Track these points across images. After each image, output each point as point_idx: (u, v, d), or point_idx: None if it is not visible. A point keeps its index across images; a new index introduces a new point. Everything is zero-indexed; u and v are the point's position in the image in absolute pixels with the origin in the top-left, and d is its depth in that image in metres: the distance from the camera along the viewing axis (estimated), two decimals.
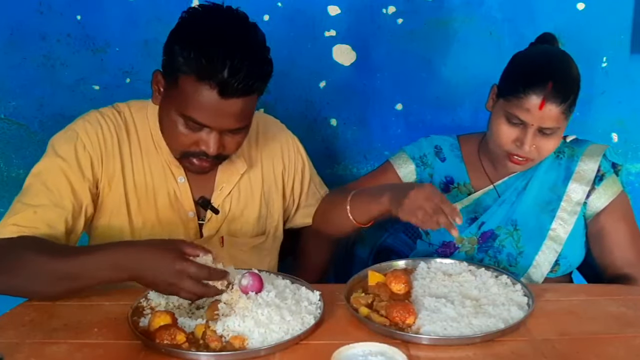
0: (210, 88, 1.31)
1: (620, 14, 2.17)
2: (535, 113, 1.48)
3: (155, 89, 1.45)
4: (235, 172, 1.59)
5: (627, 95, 2.25)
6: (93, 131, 1.48)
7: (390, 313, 1.25)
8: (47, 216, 1.39)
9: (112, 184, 1.50)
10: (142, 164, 1.52)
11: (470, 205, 1.68)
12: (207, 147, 1.40)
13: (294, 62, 2.18)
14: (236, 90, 1.31)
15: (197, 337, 1.20)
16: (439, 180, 1.72)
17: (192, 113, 1.35)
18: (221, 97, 1.32)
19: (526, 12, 2.16)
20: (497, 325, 1.23)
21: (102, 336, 1.24)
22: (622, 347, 1.20)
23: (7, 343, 1.21)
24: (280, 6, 2.14)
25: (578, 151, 1.66)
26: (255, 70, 1.33)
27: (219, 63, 1.29)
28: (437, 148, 1.74)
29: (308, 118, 2.24)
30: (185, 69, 1.32)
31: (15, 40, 2.14)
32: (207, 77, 1.30)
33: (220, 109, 1.34)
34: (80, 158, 1.45)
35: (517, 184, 1.65)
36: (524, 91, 1.48)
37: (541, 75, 1.48)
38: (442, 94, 2.23)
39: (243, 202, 1.62)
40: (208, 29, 1.33)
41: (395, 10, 2.15)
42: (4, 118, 2.22)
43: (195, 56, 1.30)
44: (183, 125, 1.39)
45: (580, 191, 1.62)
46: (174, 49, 1.34)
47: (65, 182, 1.43)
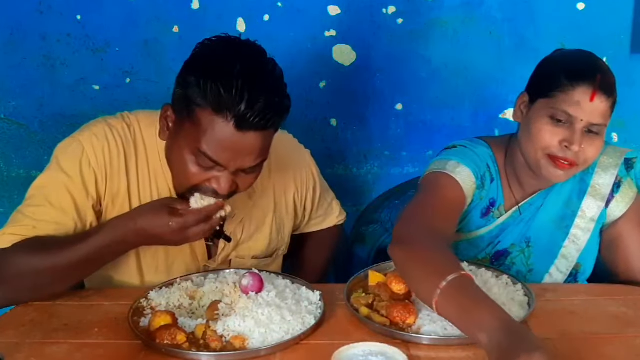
0: (227, 120, 1.25)
1: (620, 14, 2.17)
2: (585, 106, 1.40)
3: (164, 124, 1.38)
4: (247, 199, 1.55)
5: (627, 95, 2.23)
6: (100, 147, 1.41)
7: (390, 313, 1.25)
8: (46, 233, 1.36)
9: (117, 202, 1.45)
10: (150, 183, 1.46)
11: (494, 229, 1.61)
12: (218, 186, 1.32)
13: (294, 62, 2.18)
14: (253, 123, 1.25)
15: (197, 337, 1.20)
16: (485, 204, 1.59)
17: (206, 148, 1.28)
18: (237, 130, 1.26)
19: (526, 12, 2.16)
20: None
21: (103, 336, 1.24)
22: (622, 347, 1.20)
23: (7, 343, 1.21)
24: (280, 6, 2.14)
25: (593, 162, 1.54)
26: (273, 104, 1.28)
27: (237, 94, 1.23)
28: (487, 167, 1.58)
29: (308, 118, 2.24)
30: (201, 101, 1.26)
31: (15, 40, 2.14)
32: (224, 109, 1.24)
33: (236, 144, 1.27)
34: (84, 175, 1.40)
35: (538, 202, 1.59)
36: (572, 84, 1.41)
37: (589, 67, 1.44)
38: (442, 94, 2.23)
39: (254, 228, 1.59)
40: (225, 60, 1.27)
41: (395, 10, 2.15)
42: (4, 118, 2.21)
43: (212, 87, 1.24)
44: (194, 164, 1.31)
45: (595, 207, 1.57)
46: (189, 81, 1.28)
47: (69, 200, 1.38)
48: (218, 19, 2.13)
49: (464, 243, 1.63)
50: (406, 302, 1.29)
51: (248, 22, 2.14)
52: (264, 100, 1.25)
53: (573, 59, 1.49)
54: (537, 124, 1.45)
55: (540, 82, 1.50)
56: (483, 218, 1.60)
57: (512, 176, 1.59)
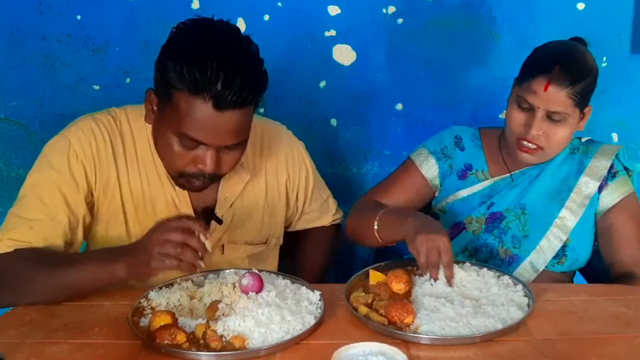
0: (205, 101, 1.28)
1: (620, 14, 2.17)
2: (541, 95, 1.52)
3: (149, 108, 1.42)
4: (238, 182, 1.57)
5: (627, 95, 2.25)
6: (86, 140, 1.45)
7: (389, 312, 1.25)
8: (43, 231, 1.39)
9: (108, 192, 1.48)
10: (139, 172, 1.49)
11: (485, 189, 1.71)
12: (203, 165, 1.36)
13: (294, 62, 2.18)
14: (231, 102, 1.28)
15: (197, 337, 1.20)
16: (458, 168, 1.74)
17: (187, 130, 1.32)
18: (216, 109, 1.29)
19: (526, 12, 2.16)
20: (496, 325, 1.23)
21: (103, 336, 1.24)
22: (622, 347, 1.20)
23: (7, 343, 1.21)
24: (280, 6, 2.14)
25: (592, 149, 1.70)
26: (250, 82, 1.30)
27: (212, 75, 1.26)
28: (457, 138, 1.76)
29: (308, 118, 2.24)
30: (179, 85, 1.29)
31: (15, 40, 2.14)
32: (201, 90, 1.27)
33: (216, 123, 1.31)
34: (73, 168, 1.43)
35: (532, 172, 1.68)
36: (532, 75, 1.54)
37: (549, 59, 1.55)
38: (442, 94, 2.24)
39: (246, 211, 1.60)
40: (200, 42, 1.30)
41: (395, 10, 2.16)
42: (4, 118, 2.22)
43: (188, 70, 1.27)
44: (178, 144, 1.36)
45: (591, 185, 1.65)
46: (166, 65, 1.31)
47: (60, 195, 1.41)
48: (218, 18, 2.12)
49: (458, 202, 1.74)
50: (405, 301, 1.29)
51: (248, 22, 2.14)
52: (240, 79, 1.28)
53: (544, 51, 1.61)
54: (509, 109, 1.63)
55: (518, 73, 1.62)
56: (461, 180, 1.74)
57: (505, 152, 1.72)
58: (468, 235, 1.70)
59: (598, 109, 2.23)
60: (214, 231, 1.55)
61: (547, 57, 1.57)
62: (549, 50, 1.60)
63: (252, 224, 1.61)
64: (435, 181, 1.75)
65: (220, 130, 1.32)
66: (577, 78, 1.52)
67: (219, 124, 1.31)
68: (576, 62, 1.56)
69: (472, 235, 1.70)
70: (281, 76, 2.19)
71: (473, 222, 1.71)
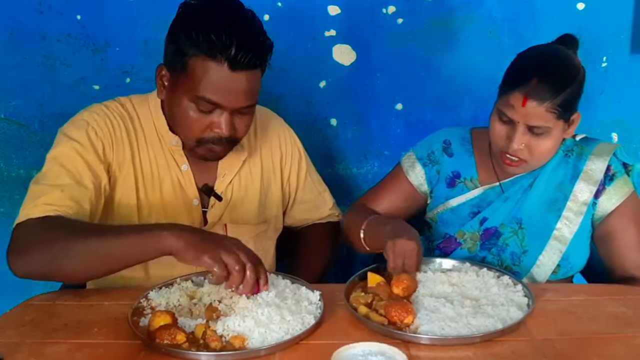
0: (221, 63, 1.38)
1: (620, 14, 2.17)
2: (519, 110, 1.48)
3: (160, 83, 1.49)
4: (236, 159, 1.62)
5: (627, 95, 2.25)
6: (102, 120, 1.52)
7: (388, 312, 1.25)
8: (74, 194, 1.40)
9: (123, 170, 1.53)
10: (148, 153, 1.56)
11: (474, 199, 1.68)
12: (220, 128, 1.44)
13: (294, 62, 2.18)
14: (244, 63, 1.38)
15: (197, 337, 1.20)
16: (446, 175, 1.72)
17: (204, 92, 1.40)
18: (231, 70, 1.38)
19: (526, 12, 2.16)
20: (496, 325, 1.23)
21: (102, 336, 1.24)
22: (622, 347, 1.20)
23: (7, 343, 1.21)
24: (280, 6, 2.14)
25: (587, 150, 1.64)
26: (259, 45, 1.41)
27: (227, 39, 1.36)
28: (445, 143, 1.74)
29: (308, 118, 2.24)
30: (194, 51, 1.38)
31: (15, 40, 2.14)
32: (218, 53, 1.37)
33: (231, 84, 1.40)
34: (94, 141, 1.48)
35: (524, 182, 1.64)
36: (510, 88, 1.50)
37: (527, 72, 1.49)
38: (442, 94, 2.23)
39: (244, 189, 1.65)
40: (210, 11, 1.40)
41: (395, 10, 2.15)
42: (4, 118, 2.22)
43: (204, 36, 1.37)
44: (195, 110, 1.43)
45: (587, 191, 1.60)
46: (179, 37, 1.41)
47: (83, 162, 1.45)
48: None
49: (447, 212, 1.71)
50: (404, 301, 1.29)
51: None
52: (251, 42, 1.39)
53: (521, 60, 1.56)
54: (491, 120, 1.59)
55: (503, 79, 1.57)
56: (450, 188, 1.71)
57: (494, 157, 1.66)
58: (464, 252, 1.67)
59: (598, 109, 2.25)
60: (213, 207, 1.60)
61: (525, 69, 1.51)
62: (528, 60, 1.54)
63: (250, 201, 1.66)
64: (423, 187, 1.74)
65: (235, 92, 1.41)
66: (557, 90, 1.46)
67: (234, 85, 1.40)
68: (555, 73, 1.48)
69: (467, 253, 1.67)
70: (281, 76, 2.19)
71: (467, 238, 1.67)
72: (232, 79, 1.40)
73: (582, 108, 2.26)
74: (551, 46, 1.58)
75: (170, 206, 1.57)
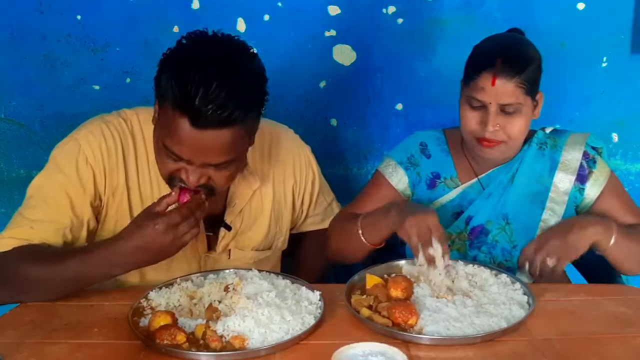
0: (182, 117, 1.24)
1: (620, 14, 2.17)
2: (489, 90, 1.51)
3: (155, 109, 1.40)
4: (248, 188, 1.56)
5: (627, 95, 2.25)
6: (96, 144, 1.44)
7: (392, 314, 1.25)
8: (43, 232, 1.39)
9: (117, 195, 1.47)
10: (149, 175, 1.48)
11: (454, 199, 1.69)
12: (186, 178, 1.33)
13: (294, 62, 2.18)
14: (211, 120, 1.23)
15: (197, 337, 1.20)
16: (425, 176, 1.72)
17: (168, 143, 1.30)
18: (194, 127, 1.24)
19: (526, 12, 2.15)
20: (500, 324, 1.23)
21: (102, 336, 1.24)
22: (622, 347, 1.20)
23: (7, 343, 1.21)
24: (280, 6, 2.14)
25: (560, 141, 1.69)
26: (234, 100, 1.24)
27: (192, 90, 1.21)
28: (422, 145, 1.74)
29: (308, 118, 2.24)
30: (166, 97, 1.27)
31: (15, 40, 2.14)
32: (180, 106, 1.24)
33: (196, 142, 1.26)
34: (81, 172, 1.42)
35: (502, 177, 1.66)
36: (477, 72, 1.53)
37: (490, 54, 1.54)
38: (442, 94, 2.23)
39: (253, 217, 1.60)
40: (192, 56, 1.28)
41: (395, 10, 2.15)
42: (4, 118, 2.21)
43: (173, 83, 1.24)
44: (164, 154, 1.34)
45: (567, 180, 1.65)
46: (161, 77, 1.30)
47: (65, 198, 1.41)
48: (218, 19, 2.12)
49: None
50: (407, 302, 1.29)
51: (248, 22, 2.14)
52: (223, 97, 1.22)
53: (483, 47, 1.62)
54: (461, 110, 1.61)
55: (464, 72, 1.61)
56: (431, 189, 1.72)
57: (469, 154, 1.69)
58: (453, 254, 1.65)
59: (598, 109, 2.25)
60: (223, 238, 1.55)
61: (488, 52, 1.56)
62: (488, 46, 1.60)
63: (259, 229, 1.61)
64: (407, 192, 1.74)
65: (202, 149, 1.28)
66: (522, 67, 1.51)
67: (199, 143, 1.27)
68: (517, 52, 1.55)
69: (457, 254, 1.66)
70: (281, 76, 2.19)
71: (455, 239, 1.67)
72: (196, 136, 1.25)
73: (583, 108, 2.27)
74: (505, 33, 1.67)
75: None
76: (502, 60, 1.51)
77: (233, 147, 1.31)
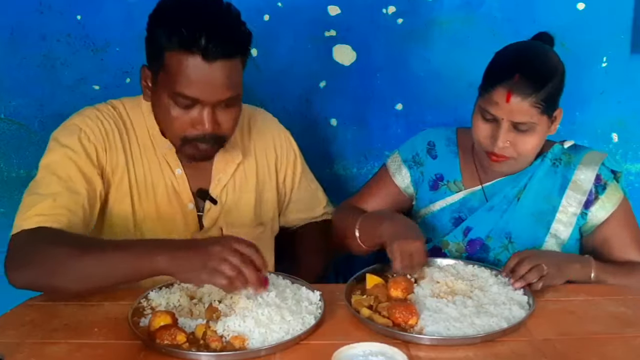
0: (193, 55, 1.35)
1: (620, 14, 2.17)
2: (503, 106, 1.46)
3: (144, 85, 1.49)
4: (231, 162, 1.61)
5: (627, 95, 2.25)
6: (94, 125, 1.50)
7: (392, 314, 1.25)
8: (65, 203, 1.39)
9: (117, 175, 1.52)
10: (141, 158, 1.55)
11: (454, 203, 1.67)
12: (202, 124, 1.41)
13: (294, 62, 2.18)
14: (218, 52, 1.36)
15: (197, 337, 1.20)
16: (429, 177, 1.71)
17: (181, 88, 1.38)
18: (205, 61, 1.36)
19: (526, 12, 2.15)
20: (500, 324, 1.23)
21: (102, 336, 1.24)
22: (622, 347, 1.20)
23: (7, 343, 1.21)
24: (280, 6, 2.14)
25: (575, 159, 1.62)
26: (233, 34, 1.39)
27: (197, 30, 1.34)
28: (430, 144, 1.73)
29: (308, 118, 2.24)
30: (168, 45, 1.37)
31: (15, 40, 2.14)
32: (190, 45, 1.35)
33: (207, 76, 1.37)
34: (86, 147, 1.47)
35: (507, 191, 1.62)
36: (492, 85, 1.48)
37: (509, 68, 1.48)
38: (442, 94, 2.23)
39: (239, 192, 1.64)
40: (182, 5, 1.39)
41: (395, 10, 2.15)
42: (4, 118, 2.21)
43: (176, 30, 1.35)
44: (175, 107, 1.41)
45: (576, 202, 1.59)
46: (155, 34, 1.41)
47: (75, 169, 1.44)
48: None
49: (429, 217, 1.70)
50: (407, 302, 1.29)
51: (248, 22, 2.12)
52: (223, 32, 1.37)
53: (501, 57, 1.55)
54: (473, 120, 1.57)
55: (482, 79, 1.56)
56: (433, 191, 1.70)
57: (478, 159, 1.65)
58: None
59: (598, 109, 2.25)
60: (209, 211, 1.59)
61: (506, 65, 1.50)
62: (508, 57, 1.53)
63: (246, 204, 1.64)
64: (410, 190, 1.73)
65: (212, 84, 1.38)
66: (540, 84, 1.45)
67: (210, 77, 1.37)
68: (537, 67, 1.48)
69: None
70: (281, 76, 2.19)
71: (451, 249, 1.66)
72: (208, 71, 1.37)
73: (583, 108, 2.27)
74: (529, 42, 1.58)
75: (165, 212, 1.56)
76: (520, 75, 1.44)
77: (237, 80, 1.43)
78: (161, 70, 1.41)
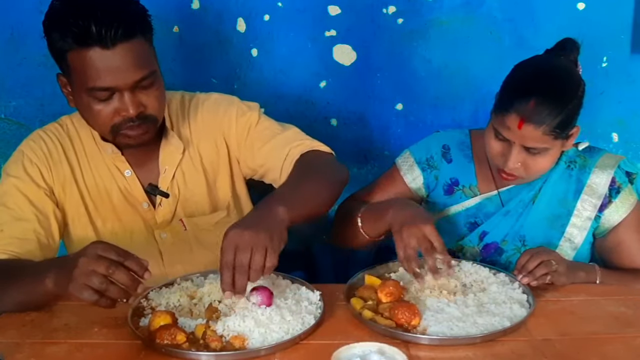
0: (92, 47, 1.36)
1: (620, 14, 2.17)
2: (515, 132, 1.44)
3: (65, 92, 1.48)
4: (175, 153, 1.60)
5: (627, 95, 2.25)
6: (37, 146, 1.55)
7: (394, 315, 1.25)
8: (13, 232, 1.45)
9: (66, 189, 1.55)
10: (90, 167, 1.57)
11: (471, 208, 1.66)
12: (126, 111, 1.41)
13: (294, 62, 2.18)
14: (114, 37, 1.35)
15: (197, 337, 1.20)
16: (444, 181, 1.68)
17: (92, 83, 1.38)
18: (105, 49, 1.36)
19: (526, 12, 2.15)
20: (502, 323, 1.23)
21: (102, 336, 1.24)
22: (622, 347, 1.20)
23: (7, 343, 1.21)
24: (280, 6, 2.14)
25: (590, 162, 1.60)
26: (124, 15, 1.37)
27: (87, 23, 1.34)
28: (444, 148, 1.69)
29: (308, 118, 2.24)
30: (67, 47, 1.38)
31: (15, 40, 2.14)
32: (84, 40, 1.35)
33: (112, 63, 1.37)
34: (29, 171, 1.52)
35: (523, 196, 1.61)
36: (506, 108, 1.45)
37: (524, 93, 1.43)
38: (442, 94, 2.23)
39: (189, 181, 1.62)
40: (68, 4, 1.39)
41: (395, 10, 2.15)
42: (4, 118, 2.21)
43: (67, 29, 1.36)
44: (96, 103, 1.41)
45: (591, 206, 1.58)
46: (52, 38, 1.41)
47: (22, 197, 1.49)
48: (218, 18, 2.13)
49: (442, 221, 1.67)
50: (410, 303, 1.29)
51: (248, 22, 2.14)
52: (111, 16, 1.35)
53: (519, 78, 1.50)
54: (486, 135, 1.55)
55: (496, 96, 1.53)
56: (447, 195, 1.68)
57: (492, 164, 1.60)
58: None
59: (598, 109, 2.25)
60: (160, 206, 1.59)
61: (522, 88, 1.45)
62: (525, 78, 1.48)
63: (199, 193, 1.63)
64: (421, 191, 1.71)
65: (120, 69, 1.38)
66: (555, 112, 1.41)
67: (115, 63, 1.37)
68: (554, 93, 1.43)
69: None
70: (281, 76, 2.19)
71: (466, 252, 1.65)
72: (111, 58, 1.36)
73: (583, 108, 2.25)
74: (550, 60, 1.53)
75: (123, 214, 1.58)
76: (535, 102, 1.40)
77: (146, 58, 1.43)
78: (71, 72, 1.41)
